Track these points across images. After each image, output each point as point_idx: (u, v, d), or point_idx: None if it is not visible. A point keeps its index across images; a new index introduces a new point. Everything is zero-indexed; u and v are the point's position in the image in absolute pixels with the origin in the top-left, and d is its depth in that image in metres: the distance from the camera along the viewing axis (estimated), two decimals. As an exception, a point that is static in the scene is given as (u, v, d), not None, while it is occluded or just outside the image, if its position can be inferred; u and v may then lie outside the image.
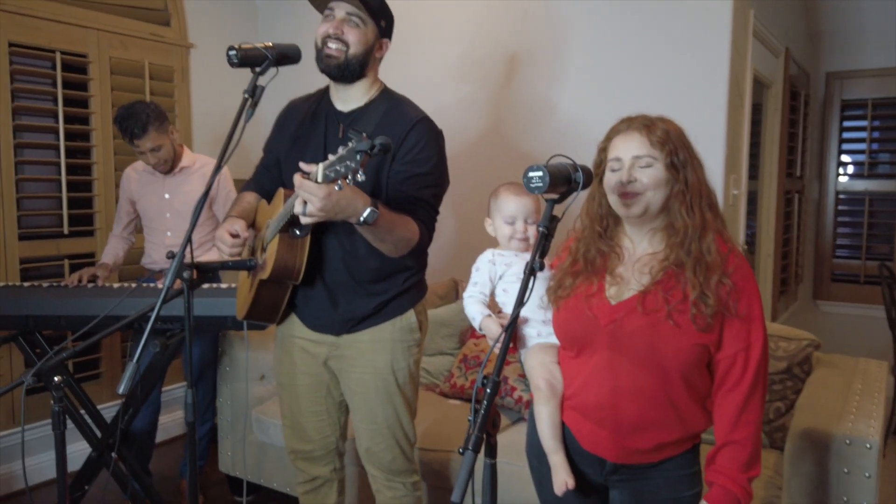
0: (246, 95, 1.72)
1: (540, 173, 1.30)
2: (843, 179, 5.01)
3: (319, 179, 1.46)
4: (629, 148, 1.39)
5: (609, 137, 1.45)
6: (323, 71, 1.84)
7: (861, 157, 4.98)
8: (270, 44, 1.78)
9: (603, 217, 1.48)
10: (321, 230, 1.81)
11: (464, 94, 3.41)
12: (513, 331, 1.27)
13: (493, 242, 1.73)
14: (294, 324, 1.98)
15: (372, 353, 1.90)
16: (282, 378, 2.05)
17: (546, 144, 3.20)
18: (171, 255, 1.66)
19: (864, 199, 4.94)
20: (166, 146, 2.76)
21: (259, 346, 2.96)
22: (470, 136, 3.34)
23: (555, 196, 1.36)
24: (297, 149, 1.91)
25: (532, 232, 1.63)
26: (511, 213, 1.64)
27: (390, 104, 1.88)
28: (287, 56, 1.81)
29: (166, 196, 2.89)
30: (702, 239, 1.36)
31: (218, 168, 1.71)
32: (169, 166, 2.84)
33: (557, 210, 1.38)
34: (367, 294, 1.88)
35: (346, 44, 1.78)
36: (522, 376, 2.80)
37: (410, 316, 1.94)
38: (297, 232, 1.74)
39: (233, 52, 1.73)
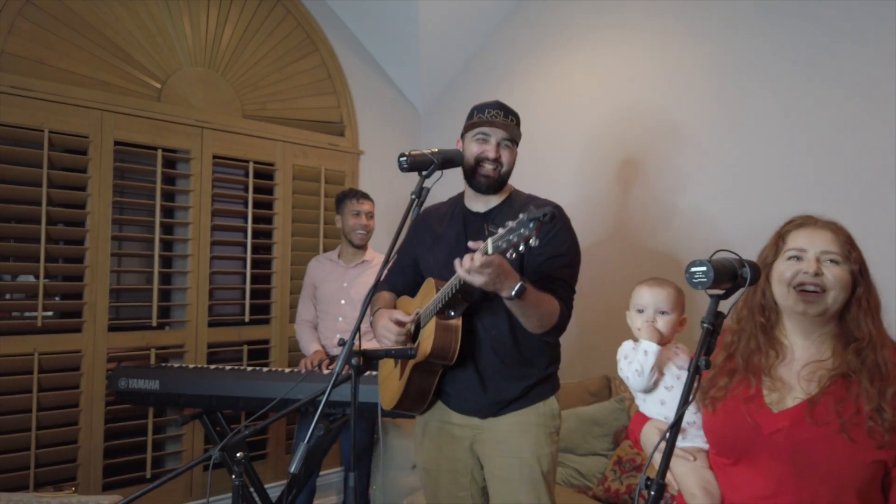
0: (413, 196, 1.87)
1: (703, 268, 1.28)
2: None
3: (490, 251, 1.56)
4: (817, 242, 1.35)
5: (788, 229, 1.42)
6: (477, 188, 2.01)
7: None
8: (436, 149, 1.94)
9: (766, 309, 1.42)
10: (469, 317, 1.91)
11: (587, 193, 3.46)
12: (677, 432, 1.22)
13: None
14: (439, 408, 2.04)
15: (516, 437, 1.93)
16: (425, 463, 2.09)
17: (672, 241, 3.16)
18: (342, 343, 1.80)
19: None
20: (374, 220, 3.27)
21: (412, 434, 3.01)
22: (594, 233, 3.35)
23: (719, 291, 1.33)
24: (435, 250, 2.07)
25: (662, 323, 1.60)
26: (642, 304, 1.63)
27: (525, 199, 2.04)
28: (451, 160, 1.96)
29: (345, 284, 3.18)
30: (879, 350, 1.29)
31: (386, 261, 1.86)
32: (366, 241, 3.25)
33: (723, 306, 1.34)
34: (515, 377, 1.95)
35: (502, 164, 1.98)
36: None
37: (553, 402, 2.00)
38: (452, 313, 1.86)
39: (403, 159, 1.89)
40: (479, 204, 2.05)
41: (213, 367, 2.94)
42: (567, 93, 3.70)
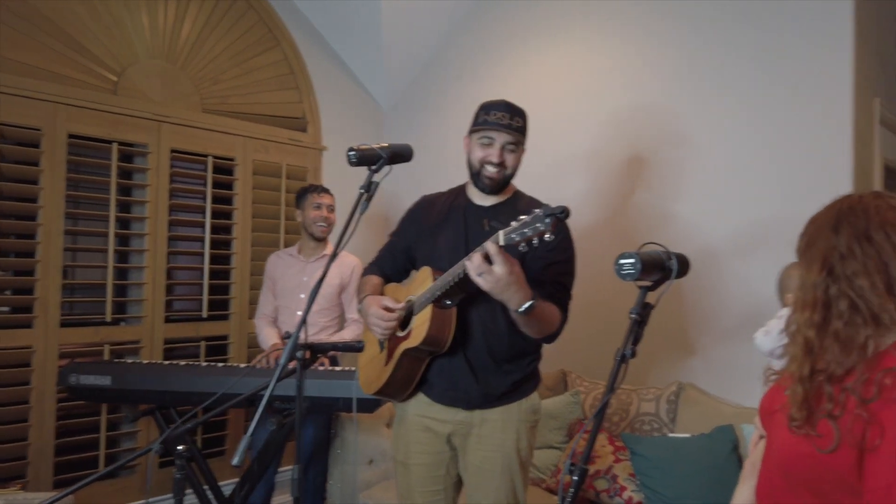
0: (362, 191, 1.88)
1: (632, 260, 1.32)
2: None
3: (501, 242, 1.58)
4: None
5: None
6: (482, 189, 2.04)
7: None
8: (386, 144, 1.96)
9: None
10: (465, 307, 1.92)
11: (586, 187, 3.47)
12: (602, 418, 1.25)
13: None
14: (419, 402, 2.04)
15: (501, 433, 1.97)
16: (401, 456, 2.09)
17: (668, 238, 3.17)
18: (287, 336, 1.80)
19: None
20: (335, 215, 3.28)
21: (370, 429, 3.03)
22: (583, 227, 3.36)
23: (648, 283, 1.36)
24: (432, 238, 2.08)
25: None
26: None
27: (528, 200, 2.07)
28: (400, 155, 1.97)
29: (304, 279, 3.17)
30: None
31: (334, 255, 1.87)
32: (327, 233, 3.25)
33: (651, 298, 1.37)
34: (504, 372, 1.98)
35: (505, 168, 2.00)
36: (633, 475, 2.67)
37: (535, 397, 2.05)
38: (448, 302, 1.87)
39: (352, 153, 1.90)
40: (482, 198, 2.07)
41: (167, 362, 2.91)
42: (530, 91, 3.72)
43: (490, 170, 1.98)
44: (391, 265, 2.20)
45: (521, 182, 2.13)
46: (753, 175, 2.92)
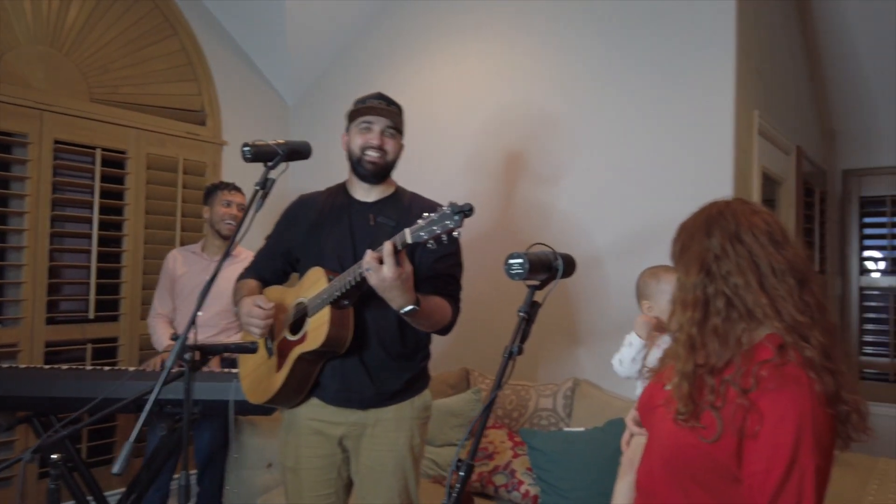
0: (257, 188, 1.83)
1: (520, 260, 1.36)
2: (871, 275, 4.93)
3: (409, 240, 1.59)
4: None
5: None
6: (362, 175, 2.01)
7: (885, 253, 4.93)
8: (282, 140, 1.92)
9: None
10: (355, 306, 1.89)
11: (472, 188, 3.53)
12: (488, 414, 1.28)
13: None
14: (310, 406, 2.00)
15: (395, 431, 1.97)
16: (291, 462, 2.04)
17: (552, 236, 3.27)
18: (175, 338, 1.73)
19: (889, 296, 4.84)
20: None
21: (267, 432, 2.96)
22: (478, 228, 3.43)
23: (535, 283, 1.40)
24: (316, 237, 2.04)
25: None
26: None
27: (411, 195, 2.08)
28: (298, 152, 1.93)
29: (207, 277, 3.02)
30: None
31: (226, 254, 1.82)
32: (233, 232, 3.05)
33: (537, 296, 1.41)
34: (398, 369, 1.98)
35: (386, 152, 2.00)
36: (530, 469, 2.74)
37: (427, 395, 2.07)
38: (346, 302, 1.84)
39: (247, 149, 1.85)
40: (365, 193, 2.04)
41: (47, 367, 2.73)
42: (438, 91, 3.75)
43: (371, 154, 1.97)
44: (269, 268, 2.15)
45: (413, 184, 2.14)
46: (640, 179, 3.06)
